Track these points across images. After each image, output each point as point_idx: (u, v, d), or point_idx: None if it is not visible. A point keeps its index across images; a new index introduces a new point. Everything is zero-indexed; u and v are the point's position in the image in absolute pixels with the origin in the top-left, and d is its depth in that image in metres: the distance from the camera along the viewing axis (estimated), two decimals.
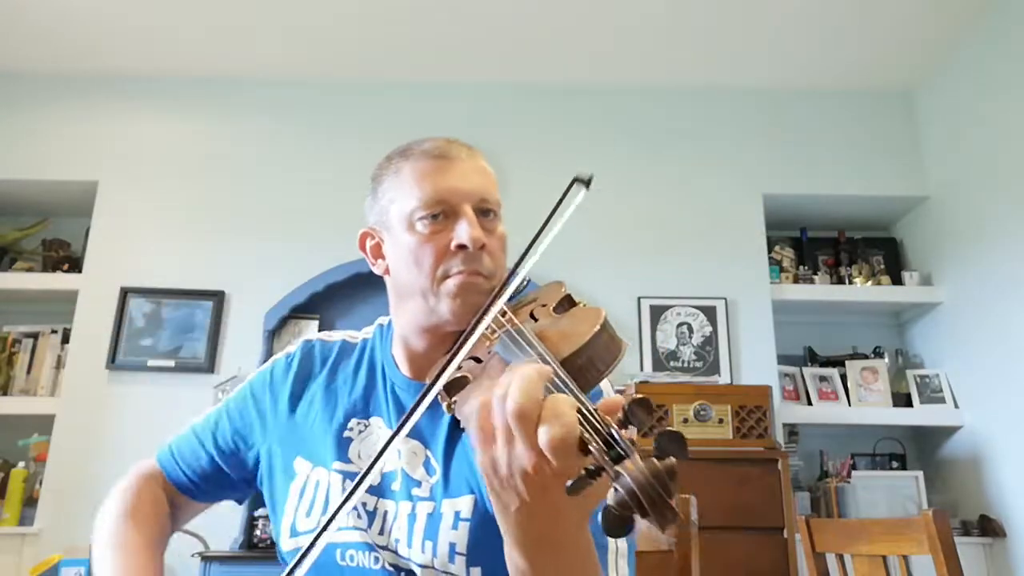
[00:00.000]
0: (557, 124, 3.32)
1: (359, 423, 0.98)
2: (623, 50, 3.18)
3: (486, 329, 0.79)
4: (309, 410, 1.01)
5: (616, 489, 0.49)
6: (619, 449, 0.52)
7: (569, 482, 0.52)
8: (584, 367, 0.64)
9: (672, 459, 0.49)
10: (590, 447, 0.53)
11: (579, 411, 0.55)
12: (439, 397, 0.85)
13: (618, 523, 0.49)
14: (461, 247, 0.89)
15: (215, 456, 1.05)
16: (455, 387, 0.76)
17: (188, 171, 3.24)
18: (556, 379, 0.60)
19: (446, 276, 0.90)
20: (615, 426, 0.54)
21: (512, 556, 0.67)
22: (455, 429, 0.92)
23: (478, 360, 0.79)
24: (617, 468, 0.50)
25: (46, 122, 3.28)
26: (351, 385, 1.02)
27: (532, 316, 0.84)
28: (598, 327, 0.68)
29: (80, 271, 3.12)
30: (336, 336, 1.09)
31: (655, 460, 0.49)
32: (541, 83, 3.37)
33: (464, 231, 0.89)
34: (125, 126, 3.30)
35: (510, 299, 0.86)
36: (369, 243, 1.01)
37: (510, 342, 0.74)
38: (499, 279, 0.94)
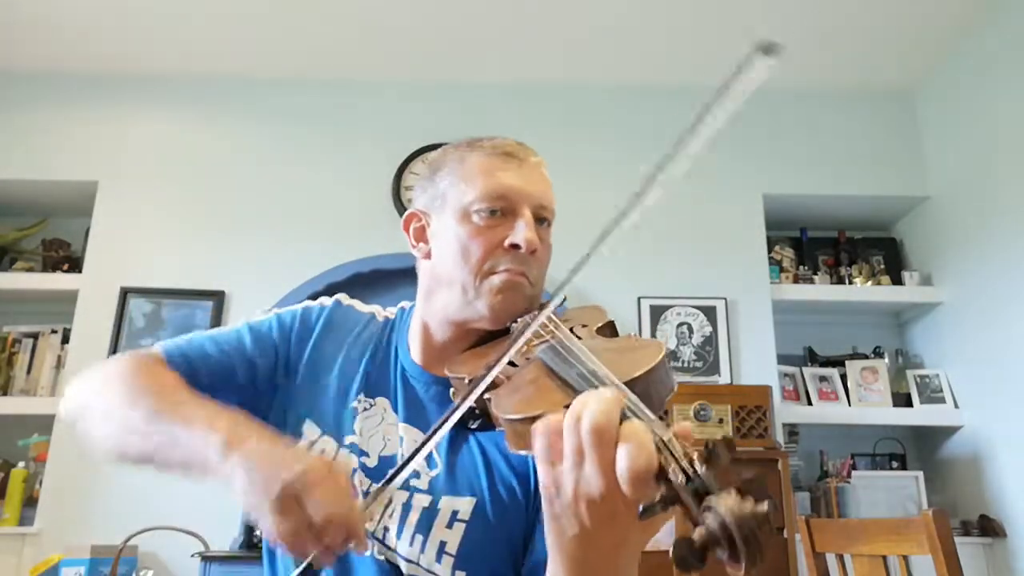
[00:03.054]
0: (556, 124, 3.32)
1: (365, 400, 0.96)
2: (624, 50, 3.18)
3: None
4: (329, 375, 0.98)
5: (703, 522, 0.48)
6: (699, 482, 0.51)
7: (642, 507, 0.52)
8: (641, 396, 0.62)
9: (766, 504, 0.48)
10: (668, 475, 0.52)
11: (657, 439, 0.54)
12: (451, 393, 0.87)
13: (698, 556, 0.48)
14: (514, 246, 0.89)
15: (232, 355, 0.96)
16: (481, 389, 0.75)
17: (188, 171, 3.24)
18: (628, 403, 0.59)
19: (492, 272, 0.89)
20: (696, 458, 0.52)
21: None
22: (461, 426, 0.88)
23: (512, 364, 0.78)
24: (708, 502, 0.49)
25: (46, 122, 3.28)
26: (367, 361, 0.99)
27: (572, 332, 0.83)
28: (661, 356, 0.67)
29: (80, 271, 3.12)
30: (367, 309, 1.07)
31: (751, 500, 0.48)
32: (541, 82, 3.37)
33: (521, 231, 0.89)
34: (125, 126, 3.30)
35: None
36: (414, 225, 0.99)
37: (562, 351, 0.73)
38: (540, 290, 0.94)
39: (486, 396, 0.74)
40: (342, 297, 1.07)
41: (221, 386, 0.94)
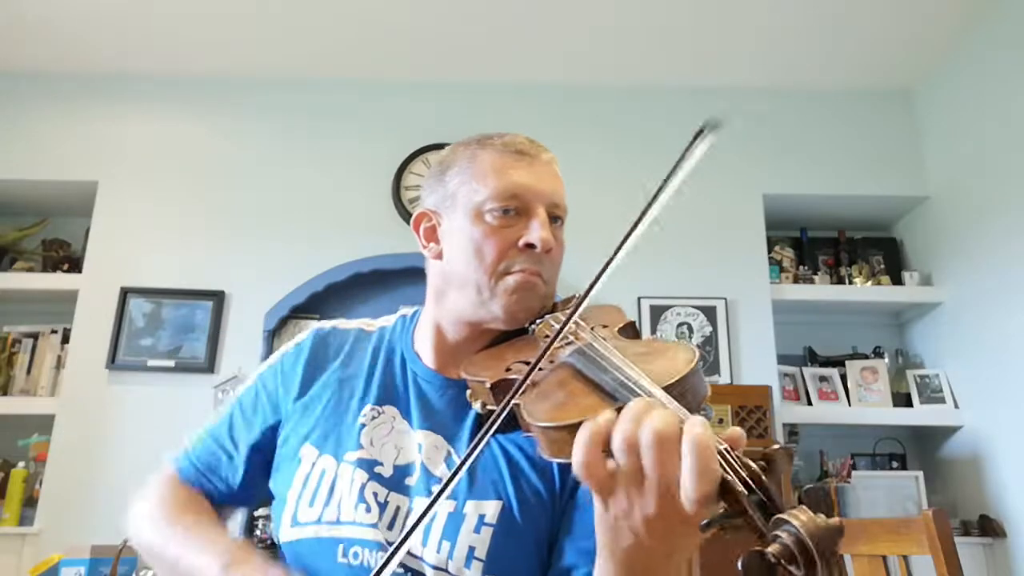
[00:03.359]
0: (556, 124, 3.31)
1: (373, 410, 0.95)
2: (623, 50, 3.18)
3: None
4: (321, 396, 0.97)
5: (778, 537, 0.48)
6: (763, 495, 0.51)
7: (704, 522, 0.51)
8: (679, 401, 0.61)
9: (838, 519, 0.48)
10: (730, 488, 0.52)
11: (719, 451, 0.53)
12: (468, 395, 0.85)
13: (768, 570, 0.48)
14: (529, 246, 0.88)
15: (234, 456, 0.99)
16: (504, 389, 0.75)
17: (188, 171, 3.24)
18: (681, 418, 0.57)
19: (506, 272, 0.89)
20: (758, 470, 0.52)
21: None
22: (480, 428, 0.88)
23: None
24: (781, 517, 0.49)
25: (46, 122, 3.27)
26: (367, 373, 0.98)
27: (595, 333, 0.82)
28: (696, 362, 0.66)
29: (80, 271, 3.12)
30: (352, 324, 1.06)
31: (823, 516, 0.48)
32: (541, 83, 3.37)
33: (536, 230, 0.88)
34: (125, 126, 3.30)
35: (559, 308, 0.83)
36: (424, 225, 0.98)
37: (593, 356, 0.72)
38: (553, 290, 0.93)
39: (514, 401, 0.73)
40: (321, 325, 1.06)
41: (244, 483, 0.99)
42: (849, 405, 3.08)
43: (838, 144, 3.33)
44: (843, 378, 3.16)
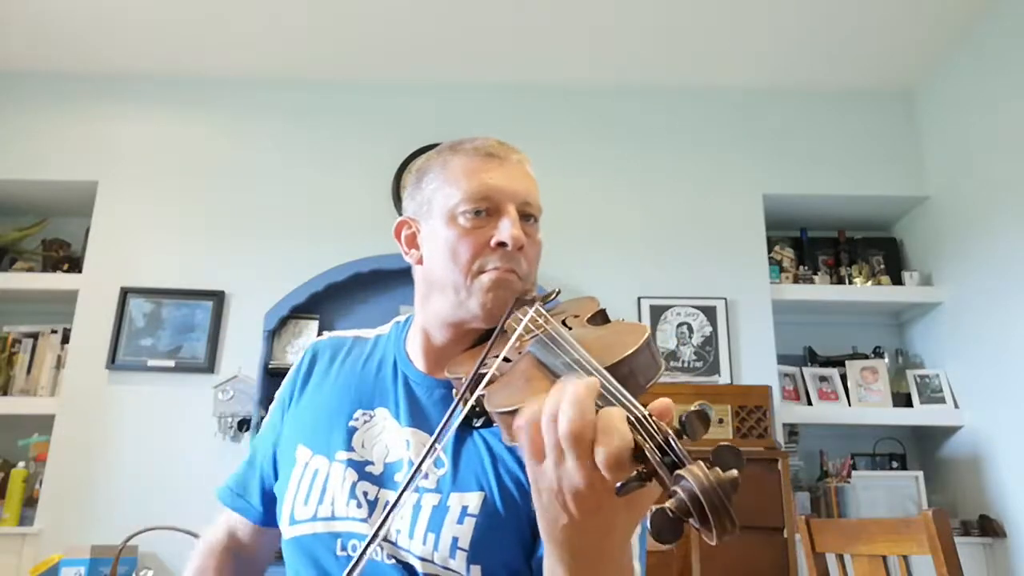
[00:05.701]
0: (557, 124, 3.32)
1: (364, 414, 0.98)
2: (622, 50, 3.18)
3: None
4: (314, 398, 1.03)
5: (676, 493, 0.49)
6: (674, 456, 0.52)
7: (619, 484, 0.53)
8: (626, 378, 0.63)
9: (735, 471, 0.49)
10: (645, 452, 0.53)
11: (633, 418, 0.55)
12: (454, 394, 0.88)
13: (672, 526, 0.49)
14: (501, 244, 0.91)
15: (266, 477, 1.07)
16: (478, 384, 0.77)
17: (188, 171, 3.25)
18: (604, 388, 0.60)
19: (481, 271, 0.91)
20: (671, 433, 0.54)
21: (554, 569, 0.67)
22: (465, 425, 0.91)
23: (506, 360, 0.80)
24: (679, 472, 0.50)
25: (46, 122, 3.28)
26: (359, 376, 1.02)
27: (564, 324, 0.85)
28: (644, 339, 0.68)
29: (80, 271, 3.12)
30: (349, 332, 1.12)
31: (719, 469, 0.49)
32: (540, 83, 3.37)
33: (506, 229, 0.91)
34: (125, 126, 3.30)
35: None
36: (405, 232, 1.01)
37: (549, 343, 0.75)
38: (532, 284, 0.96)
39: (482, 393, 0.75)
40: (317, 339, 1.13)
41: (272, 489, 1.05)
42: (849, 405, 3.09)
43: (838, 144, 3.33)
44: (843, 378, 3.16)
